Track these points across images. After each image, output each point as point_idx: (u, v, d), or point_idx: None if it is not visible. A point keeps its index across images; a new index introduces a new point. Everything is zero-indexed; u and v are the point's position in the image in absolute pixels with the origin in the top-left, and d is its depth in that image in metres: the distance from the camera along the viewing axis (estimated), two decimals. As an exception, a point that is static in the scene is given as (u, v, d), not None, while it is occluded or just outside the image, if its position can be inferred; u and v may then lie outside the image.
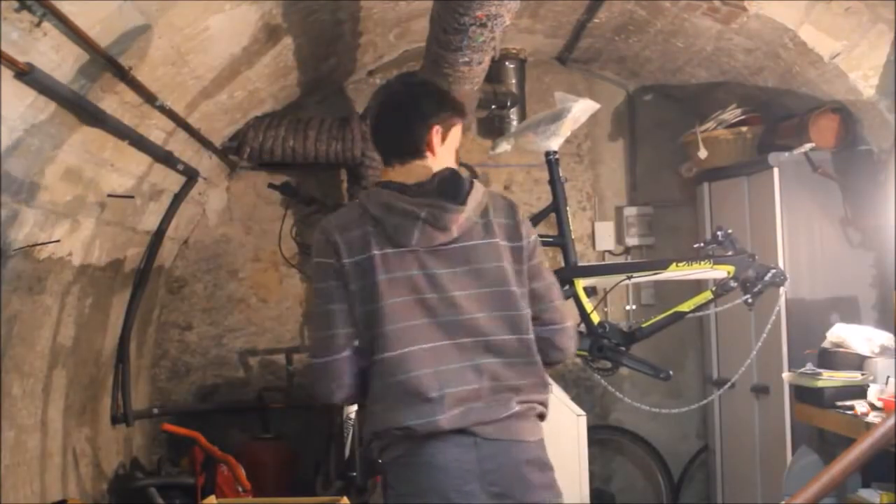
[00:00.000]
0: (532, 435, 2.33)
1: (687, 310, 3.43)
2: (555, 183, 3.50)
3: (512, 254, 2.36)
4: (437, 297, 2.29)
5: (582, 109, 3.41)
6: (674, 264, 3.50)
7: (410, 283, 2.29)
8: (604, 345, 3.16)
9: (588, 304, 3.22)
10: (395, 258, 2.30)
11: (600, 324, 3.19)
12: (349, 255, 2.32)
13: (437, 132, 2.41)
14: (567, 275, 3.25)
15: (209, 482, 4.67)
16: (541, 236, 3.35)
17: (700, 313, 3.59)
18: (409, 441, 2.28)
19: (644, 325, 3.48)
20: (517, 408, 2.28)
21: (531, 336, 2.34)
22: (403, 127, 2.41)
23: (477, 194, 2.36)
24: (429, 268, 2.30)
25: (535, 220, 3.45)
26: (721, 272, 3.54)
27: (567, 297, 3.20)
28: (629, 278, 3.53)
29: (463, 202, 2.30)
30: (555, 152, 3.57)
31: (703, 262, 3.45)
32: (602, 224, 5.74)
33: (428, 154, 2.42)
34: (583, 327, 3.27)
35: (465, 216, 2.31)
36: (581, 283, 3.24)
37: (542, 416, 2.40)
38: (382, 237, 2.31)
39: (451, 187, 2.33)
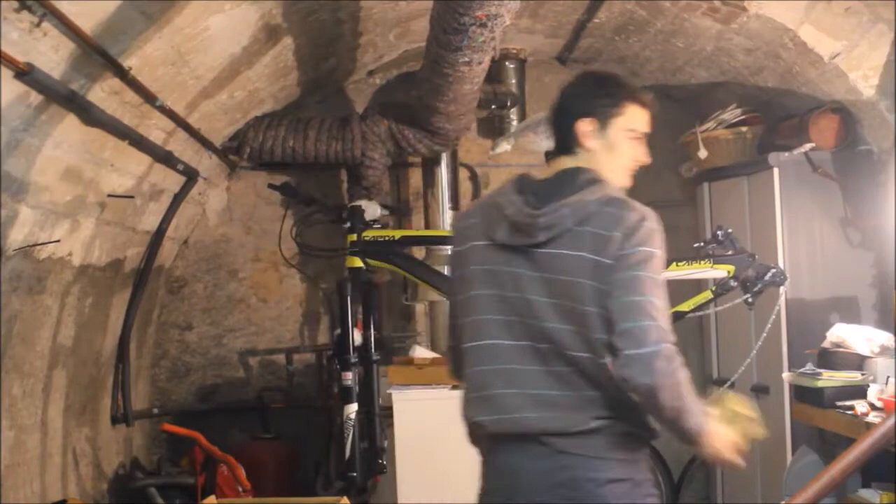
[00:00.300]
0: (615, 453, 2.18)
1: (687, 309, 3.43)
2: None
3: (599, 270, 2.14)
4: (518, 296, 2.21)
5: None
6: (674, 264, 3.50)
7: (496, 277, 2.24)
8: None
9: None
10: (487, 251, 2.27)
11: None
12: (457, 245, 2.35)
13: (588, 124, 2.28)
14: None
15: (209, 482, 4.68)
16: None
17: (700, 313, 3.59)
18: (487, 439, 2.28)
19: None
20: (594, 423, 2.16)
21: (605, 360, 2.13)
22: (554, 123, 2.35)
23: (582, 198, 2.19)
24: (514, 266, 2.23)
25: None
26: (721, 272, 3.53)
27: None
28: None
29: (539, 207, 2.19)
30: None
31: (703, 262, 3.45)
32: (602, 224, 5.73)
33: (579, 150, 2.30)
34: None
35: (549, 220, 2.18)
36: None
37: (633, 437, 2.22)
38: (483, 229, 2.29)
39: (546, 189, 2.24)
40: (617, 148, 2.31)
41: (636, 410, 2.19)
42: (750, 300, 3.55)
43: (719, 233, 3.58)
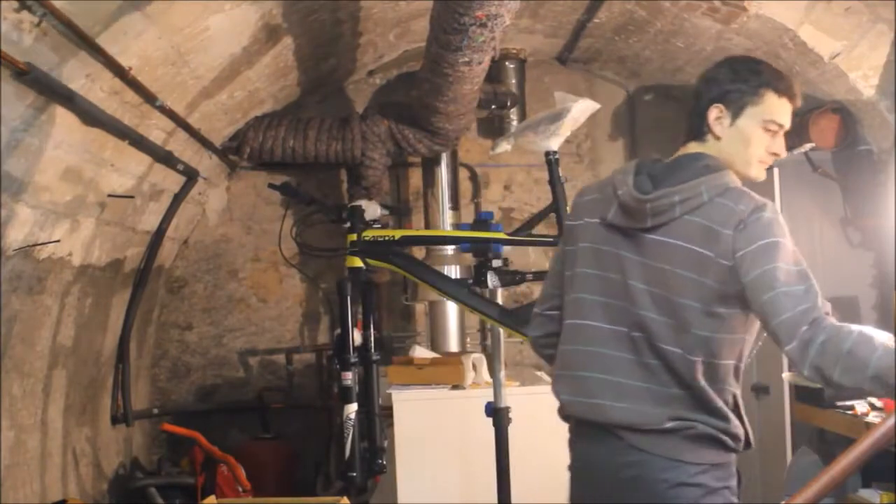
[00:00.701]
0: (690, 456, 2.09)
1: None
2: (555, 183, 3.49)
3: (705, 265, 2.06)
4: (620, 280, 2.16)
5: (582, 109, 3.40)
6: None
7: (602, 258, 2.19)
8: None
9: None
10: (598, 229, 2.22)
11: None
12: (572, 219, 2.31)
13: (718, 111, 2.19)
14: None
15: (209, 482, 4.68)
16: (540, 236, 3.35)
17: None
18: (571, 421, 2.26)
19: None
20: (669, 424, 2.09)
21: (697, 359, 2.07)
22: (691, 107, 2.26)
23: (696, 185, 2.10)
24: (620, 248, 2.18)
25: (535, 220, 3.45)
26: None
27: None
28: None
29: (646, 192, 2.13)
30: (555, 152, 3.56)
31: None
32: (602, 224, 5.74)
33: (708, 137, 2.20)
34: None
35: (656, 206, 2.11)
36: None
37: (714, 442, 2.11)
38: (598, 206, 2.23)
39: (664, 173, 2.17)
40: (749, 138, 2.18)
41: (721, 416, 2.11)
42: None
43: None
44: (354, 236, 3.67)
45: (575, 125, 3.52)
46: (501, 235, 3.36)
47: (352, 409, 3.70)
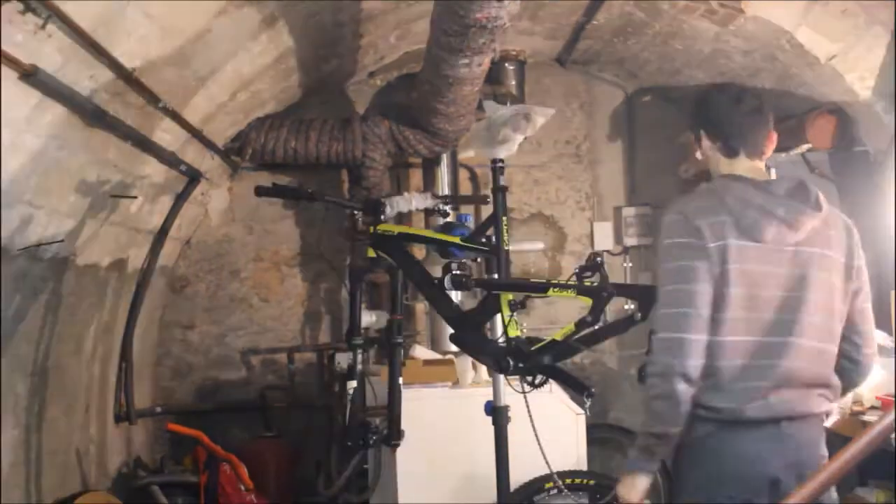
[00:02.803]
0: None
1: (559, 339, 3.12)
2: (496, 192, 3.51)
3: (843, 271, 2.53)
4: (777, 294, 2.37)
5: (533, 116, 3.34)
6: (551, 289, 3.16)
7: (754, 276, 2.35)
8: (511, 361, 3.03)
9: (505, 319, 3.11)
10: (747, 250, 2.36)
11: (509, 339, 3.06)
12: (712, 240, 2.38)
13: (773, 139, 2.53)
14: (486, 286, 3.21)
15: (212, 481, 4.69)
16: (480, 244, 3.34)
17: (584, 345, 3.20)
18: None
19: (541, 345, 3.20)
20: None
21: (835, 349, 2.51)
22: (764, 125, 2.52)
23: (825, 203, 2.44)
24: (773, 265, 2.37)
25: (480, 230, 3.46)
26: (583, 303, 3.08)
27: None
28: (525, 298, 3.24)
29: (818, 208, 2.40)
30: (501, 161, 3.56)
31: (569, 291, 3.06)
32: (600, 224, 5.77)
33: (765, 156, 2.53)
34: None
35: (815, 222, 2.39)
36: (506, 297, 3.12)
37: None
38: (737, 228, 2.37)
39: (804, 192, 2.42)
40: None
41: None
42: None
43: (598, 259, 3.07)
44: (371, 229, 3.70)
45: (530, 132, 3.46)
46: (455, 240, 3.38)
47: (352, 384, 3.74)
